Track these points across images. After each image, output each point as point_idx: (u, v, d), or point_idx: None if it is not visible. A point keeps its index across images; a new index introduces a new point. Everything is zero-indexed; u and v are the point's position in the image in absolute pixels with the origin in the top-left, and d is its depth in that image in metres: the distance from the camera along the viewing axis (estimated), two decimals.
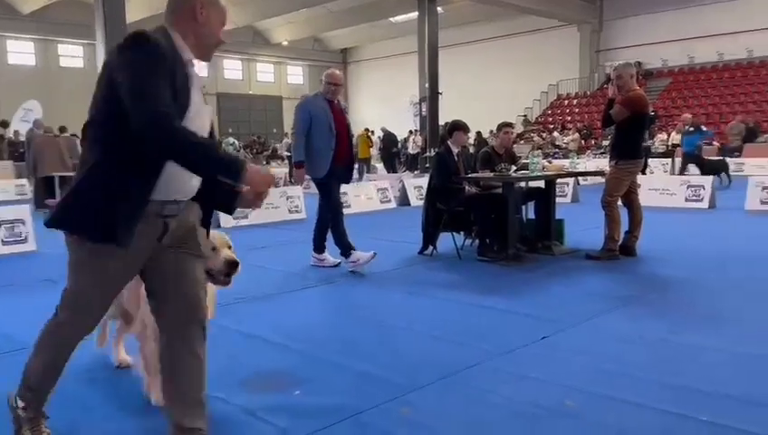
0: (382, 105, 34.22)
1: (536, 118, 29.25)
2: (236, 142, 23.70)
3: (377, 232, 8.44)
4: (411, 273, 5.67)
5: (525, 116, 29.32)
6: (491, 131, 19.34)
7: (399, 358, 3.32)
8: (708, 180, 10.40)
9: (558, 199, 11.17)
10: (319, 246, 5.84)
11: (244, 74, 37.03)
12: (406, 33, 28.90)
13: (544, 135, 26.07)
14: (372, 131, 23.22)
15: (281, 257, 6.52)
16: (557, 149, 23.39)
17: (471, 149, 14.45)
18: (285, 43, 35.35)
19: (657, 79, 27.30)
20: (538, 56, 29.69)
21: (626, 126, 5.72)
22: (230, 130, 28.54)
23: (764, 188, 9.57)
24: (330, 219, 5.66)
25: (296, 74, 39.59)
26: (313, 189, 5.91)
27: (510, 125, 6.72)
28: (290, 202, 9.94)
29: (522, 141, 25.84)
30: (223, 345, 3.32)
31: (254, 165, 1.99)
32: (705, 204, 10.00)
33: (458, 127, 6.51)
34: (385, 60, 36.43)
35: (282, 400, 2.81)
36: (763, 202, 9.44)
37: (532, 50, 29.90)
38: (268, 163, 25.66)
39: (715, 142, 19.08)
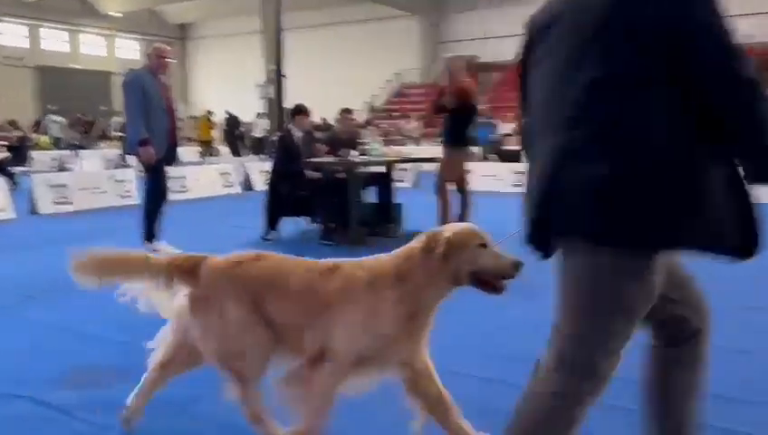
0: (225, 86, 33.07)
1: (381, 105, 30.01)
2: (62, 120, 21.57)
3: (218, 217, 8.18)
4: None
5: (371, 103, 29.97)
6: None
7: None
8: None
9: (399, 184, 11.77)
10: (149, 234, 5.50)
11: (71, 46, 33.71)
12: (250, 13, 28.06)
13: (390, 122, 26.86)
14: (212, 113, 22.40)
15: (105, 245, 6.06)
16: (402, 136, 24.21)
17: (318, 134, 14.50)
18: (117, 14, 32.68)
19: (492, 72, 29.23)
20: (383, 44, 30.45)
21: (456, 115, 6.06)
22: (49, 107, 25.77)
23: None
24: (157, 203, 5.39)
25: (130, 48, 36.83)
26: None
27: (349, 111, 6.83)
28: (120, 186, 9.28)
29: (370, 127, 26.38)
30: (29, 339, 3.02)
31: None
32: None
33: (300, 111, 6.49)
34: (228, 39, 35.12)
35: (102, 395, 2.62)
36: None
37: (378, 38, 30.59)
38: (96, 143, 23.67)
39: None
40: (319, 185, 6.21)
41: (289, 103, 18.84)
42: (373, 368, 2.06)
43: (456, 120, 6.12)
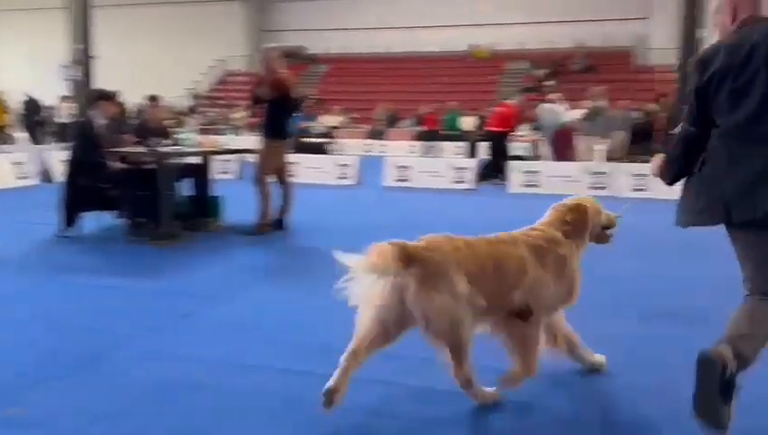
0: (23, 65, 29.46)
1: (205, 92, 28.77)
2: None
3: (9, 212, 7.29)
4: (47, 258, 5.06)
5: (193, 90, 28.59)
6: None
7: (20, 354, 2.94)
8: (356, 160, 11.65)
9: (222, 176, 11.40)
10: None
11: None
12: None
13: (217, 111, 25.84)
14: (2, 92, 19.90)
15: None
16: (227, 126, 23.42)
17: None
18: None
19: (318, 64, 29.38)
20: (206, 28, 29.10)
21: (274, 107, 5.99)
22: None
23: (399, 167, 11.17)
24: None
25: None
26: None
27: (155, 99, 6.42)
28: None
29: (194, 116, 25.14)
30: None
31: None
32: (351, 181, 11.20)
33: (104, 96, 5.99)
34: (25, 13, 31.29)
35: None
36: (396, 180, 11.00)
37: (201, 21, 29.17)
38: None
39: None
40: (124, 177, 5.77)
41: (101, 86, 17.30)
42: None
43: (274, 112, 6.04)
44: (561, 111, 11.28)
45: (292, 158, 6.64)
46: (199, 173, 6.48)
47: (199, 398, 2.53)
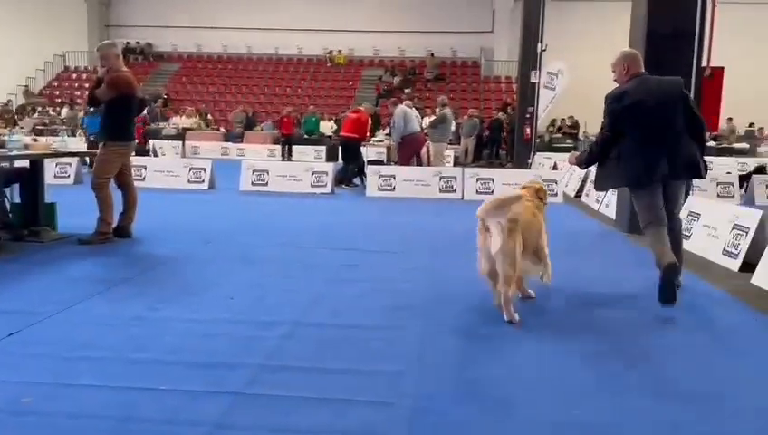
0: None
1: (40, 90, 26.31)
2: None
3: None
4: None
5: (27, 87, 26.03)
6: None
7: None
8: (210, 163, 11.27)
9: (59, 181, 10.52)
10: None
11: None
12: None
13: (53, 109, 23.68)
14: None
15: None
16: (65, 126, 21.56)
17: None
18: None
19: (167, 62, 28.02)
20: (41, 22, 26.59)
21: (114, 107, 5.63)
22: None
23: (255, 171, 10.98)
24: None
25: None
26: None
27: None
28: None
29: (34, 115, 22.87)
30: None
31: None
32: (205, 185, 10.83)
33: None
34: None
35: None
36: (253, 183, 10.81)
37: (36, 12, 26.61)
38: None
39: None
40: None
41: None
42: None
43: (114, 112, 5.68)
44: (412, 119, 11.73)
45: (137, 161, 6.29)
46: (29, 178, 5.92)
47: (26, 424, 2.32)
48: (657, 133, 4.11)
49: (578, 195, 10.97)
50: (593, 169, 4.86)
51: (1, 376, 2.72)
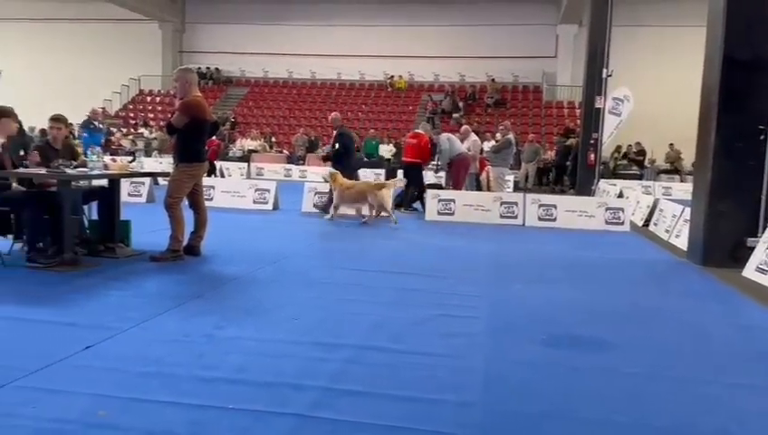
0: None
1: (116, 112, 27.71)
2: None
3: None
4: None
5: (104, 109, 27.46)
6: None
7: None
8: (273, 185, 11.55)
9: (132, 199, 11.00)
10: None
11: None
12: None
13: (127, 130, 24.87)
14: None
15: None
16: (139, 148, 22.59)
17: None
18: None
19: (236, 87, 29.04)
20: (119, 47, 28.17)
21: (186, 130, 5.85)
22: None
23: (317, 193, 11.16)
24: None
25: None
26: None
27: (58, 119, 6.10)
28: None
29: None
30: None
31: None
32: (269, 206, 11.08)
33: (4, 114, 5.65)
34: None
35: None
36: (315, 205, 10.98)
37: (114, 40, 28.22)
38: None
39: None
40: (25, 199, 5.45)
41: (4, 102, 16.22)
42: None
43: (188, 135, 5.90)
44: (456, 141, 11.79)
45: (207, 181, 6.52)
46: (107, 196, 6.22)
47: None
48: None
49: (645, 224, 10.61)
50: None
51: (78, 388, 2.83)
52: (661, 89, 21.30)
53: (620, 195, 12.88)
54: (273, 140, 24.49)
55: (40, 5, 27.71)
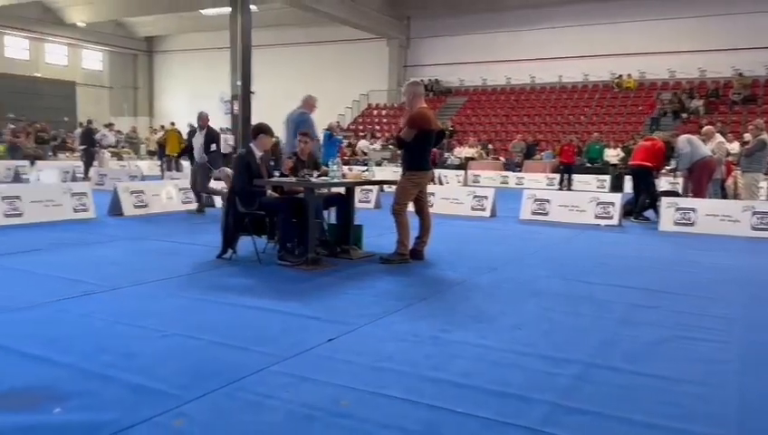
0: (191, 100, 32.75)
1: (348, 125, 30.13)
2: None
3: (175, 234, 8.07)
4: (206, 277, 5.51)
5: (338, 122, 30.07)
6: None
7: (178, 368, 3.21)
8: (491, 192, 11.55)
9: (361, 205, 11.83)
10: None
11: (32, 54, 33.01)
12: (218, 28, 27.98)
13: (356, 142, 26.94)
14: (174, 124, 22.25)
15: (55, 261, 5.94)
16: (367, 157, 24.28)
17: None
18: (81, 24, 32.15)
19: (454, 97, 29.72)
20: (350, 65, 30.69)
21: (413, 140, 6.13)
22: (10, 116, 25.05)
23: (536, 200, 10.91)
24: None
25: (94, 59, 36.29)
26: (107, 186, 5.49)
27: (306, 134, 6.85)
28: (76, 199, 9.08)
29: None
30: None
31: None
32: (487, 213, 11.11)
33: (262, 130, 6.48)
34: (196, 53, 34.93)
35: (37, 419, 2.56)
36: (533, 212, 10.74)
37: (345, 59, 30.83)
38: (55, 154, 23.11)
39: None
40: (277, 205, 6.19)
41: (256, 120, 18.79)
42: None
43: (414, 145, 6.18)
44: (698, 144, 10.52)
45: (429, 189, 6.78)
46: (343, 202, 6.79)
47: (344, 426, 2.60)
48: None
49: None
50: None
51: (323, 377, 3.11)
52: None
53: None
54: (490, 146, 24.54)
55: (289, 32, 31.22)
